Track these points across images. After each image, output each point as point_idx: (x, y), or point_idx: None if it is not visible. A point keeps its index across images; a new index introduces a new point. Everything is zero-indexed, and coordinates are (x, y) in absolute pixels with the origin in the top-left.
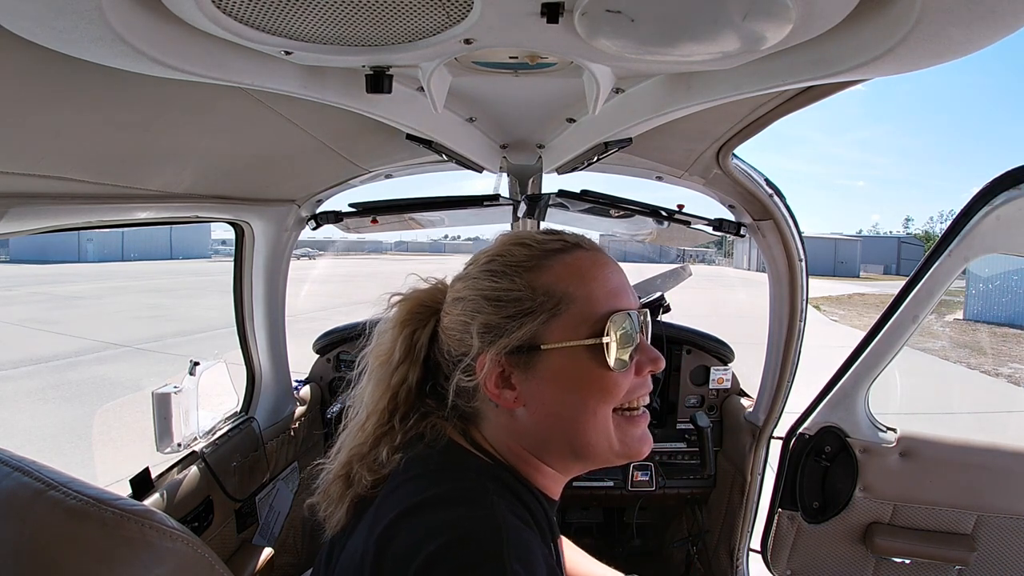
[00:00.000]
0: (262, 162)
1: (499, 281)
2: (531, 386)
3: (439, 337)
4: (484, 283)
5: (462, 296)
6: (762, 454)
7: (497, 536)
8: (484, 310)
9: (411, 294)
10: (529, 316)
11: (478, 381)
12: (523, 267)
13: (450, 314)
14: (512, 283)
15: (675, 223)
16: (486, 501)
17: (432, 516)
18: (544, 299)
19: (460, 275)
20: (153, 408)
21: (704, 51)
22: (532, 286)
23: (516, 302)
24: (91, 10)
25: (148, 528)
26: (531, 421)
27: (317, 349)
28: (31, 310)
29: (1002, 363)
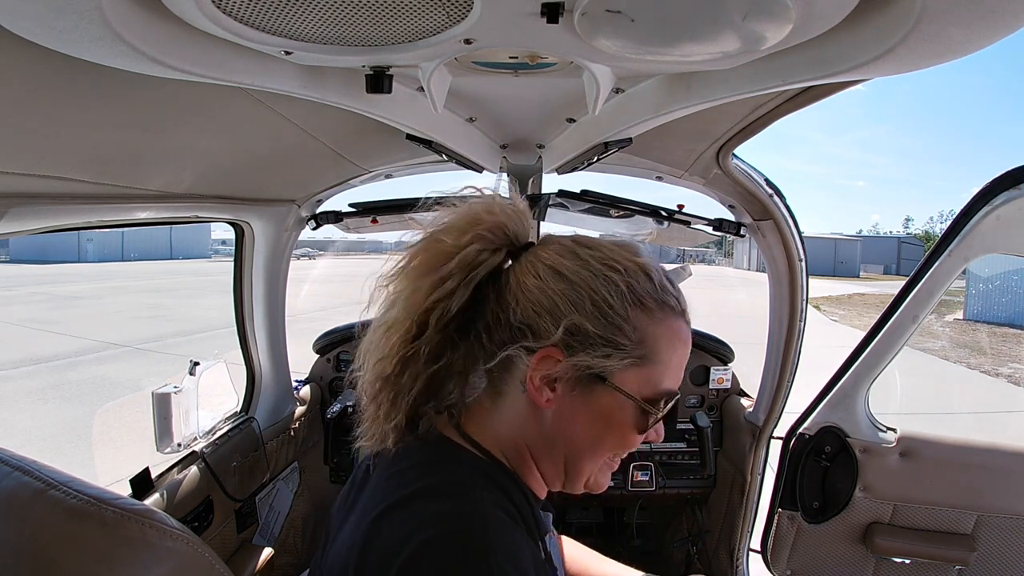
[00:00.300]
0: (262, 162)
1: (614, 297)
2: (571, 401)
3: (506, 286)
4: (599, 284)
5: (567, 275)
6: (762, 454)
7: (484, 532)
8: (585, 311)
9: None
10: (618, 351)
11: (526, 362)
12: (640, 301)
13: (542, 280)
14: (624, 309)
15: (675, 223)
16: (474, 495)
17: (418, 510)
18: (638, 344)
19: (571, 247)
20: (153, 408)
21: (704, 51)
22: (637, 325)
23: (617, 329)
24: (91, 10)
25: (148, 528)
26: (550, 427)
27: (317, 349)
28: (31, 310)
29: (1002, 363)
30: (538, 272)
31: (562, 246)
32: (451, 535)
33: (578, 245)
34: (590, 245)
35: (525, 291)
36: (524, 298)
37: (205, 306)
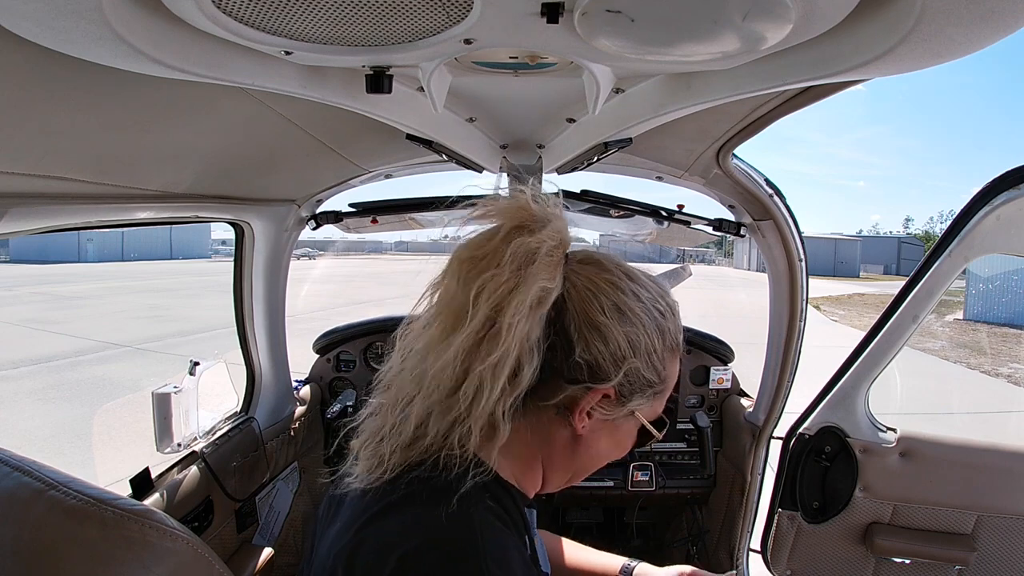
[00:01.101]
0: (262, 162)
1: (659, 343)
2: (599, 427)
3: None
4: (653, 329)
5: (631, 317)
6: (762, 454)
7: (473, 537)
8: (640, 356)
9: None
10: (651, 389)
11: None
12: (673, 347)
13: (608, 318)
14: (662, 354)
15: (675, 223)
16: (462, 499)
17: (402, 516)
18: (663, 383)
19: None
20: (153, 408)
21: (704, 51)
22: (666, 367)
23: (657, 372)
24: (91, 10)
25: (148, 528)
26: (573, 447)
27: (317, 349)
28: (31, 310)
29: (1002, 363)
30: (603, 308)
31: (615, 277)
32: (440, 541)
33: (630, 280)
34: (638, 281)
35: (591, 328)
36: (588, 332)
37: (205, 306)
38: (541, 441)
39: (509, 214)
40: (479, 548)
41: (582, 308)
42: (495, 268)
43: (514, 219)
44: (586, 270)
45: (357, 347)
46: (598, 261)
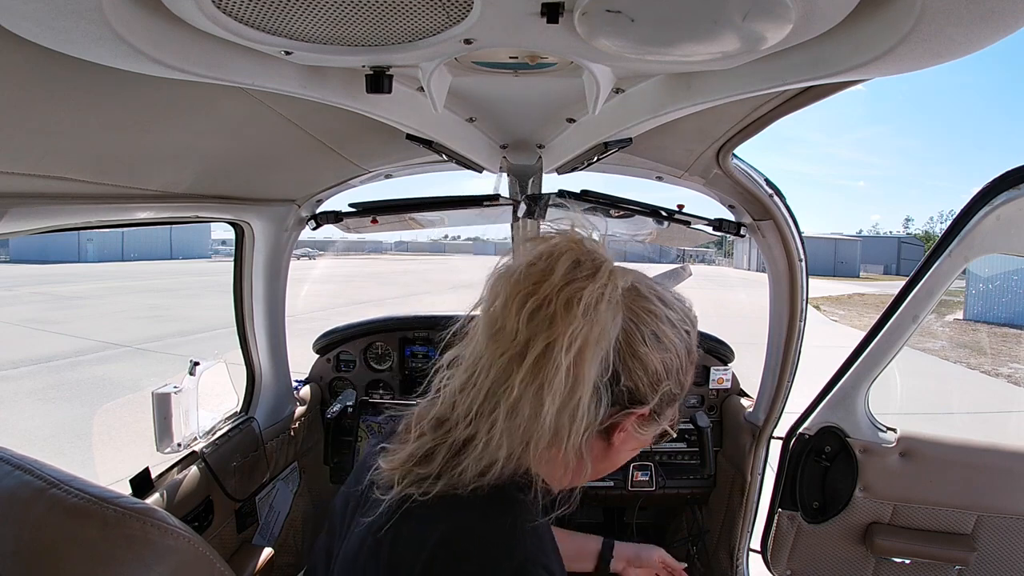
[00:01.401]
0: (262, 162)
1: (685, 361)
2: (628, 437)
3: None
4: (682, 351)
5: (667, 344)
6: (762, 454)
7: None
8: (673, 378)
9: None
10: (675, 400)
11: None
12: (695, 359)
13: (648, 347)
14: (686, 368)
15: (675, 223)
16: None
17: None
18: (682, 392)
19: (663, 310)
20: (153, 408)
21: (704, 51)
22: (688, 378)
23: (681, 386)
24: (91, 10)
25: (149, 526)
26: (606, 455)
27: (317, 349)
28: (31, 310)
29: (1002, 363)
30: (644, 338)
31: (652, 304)
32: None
33: (663, 305)
34: (670, 304)
35: (634, 358)
36: (634, 364)
37: (205, 306)
38: (579, 454)
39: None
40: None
41: (627, 340)
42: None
43: (570, 256)
44: (629, 301)
45: (357, 347)
46: (636, 289)
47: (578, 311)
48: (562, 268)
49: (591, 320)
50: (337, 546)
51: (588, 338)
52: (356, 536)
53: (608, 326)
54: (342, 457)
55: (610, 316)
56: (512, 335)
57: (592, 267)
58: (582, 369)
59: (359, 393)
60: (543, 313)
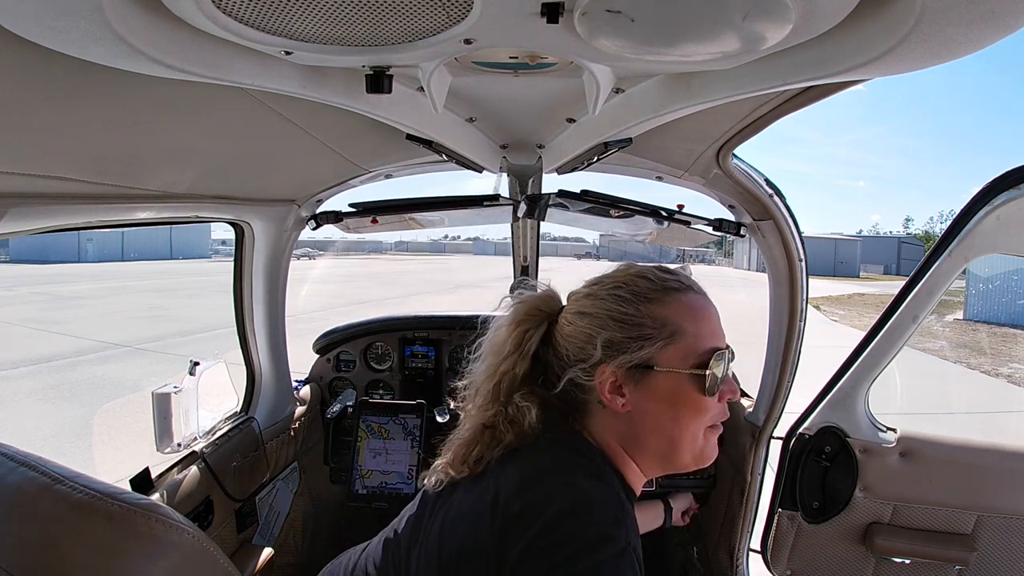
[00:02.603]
0: (262, 162)
1: (625, 307)
2: (639, 397)
3: (554, 340)
4: (611, 305)
5: (588, 312)
6: (762, 454)
7: (619, 505)
8: (609, 327)
9: (527, 298)
10: (648, 341)
11: (593, 384)
12: (646, 298)
13: (573, 324)
14: (636, 310)
15: (675, 223)
16: (607, 477)
17: (561, 479)
18: (661, 329)
19: (585, 292)
20: (153, 408)
21: (704, 51)
22: (652, 316)
23: (638, 327)
24: (91, 10)
25: (154, 521)
26: (633, 425)
27: (317, 349)
28: (31, 310)
29: (1001, 363)
30: (569, 320)
31: (577, 293)
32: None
33: (588, 286)
34: (597, 282)
35: (565, 337)
36: (566, 342)
37: (205, 306)
38: (610, 430)
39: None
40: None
41: (560, 332)
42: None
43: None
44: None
45: (357, 347)
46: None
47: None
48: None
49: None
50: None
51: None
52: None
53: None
54: (342, 457)
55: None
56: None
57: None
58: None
59: (359, 393)
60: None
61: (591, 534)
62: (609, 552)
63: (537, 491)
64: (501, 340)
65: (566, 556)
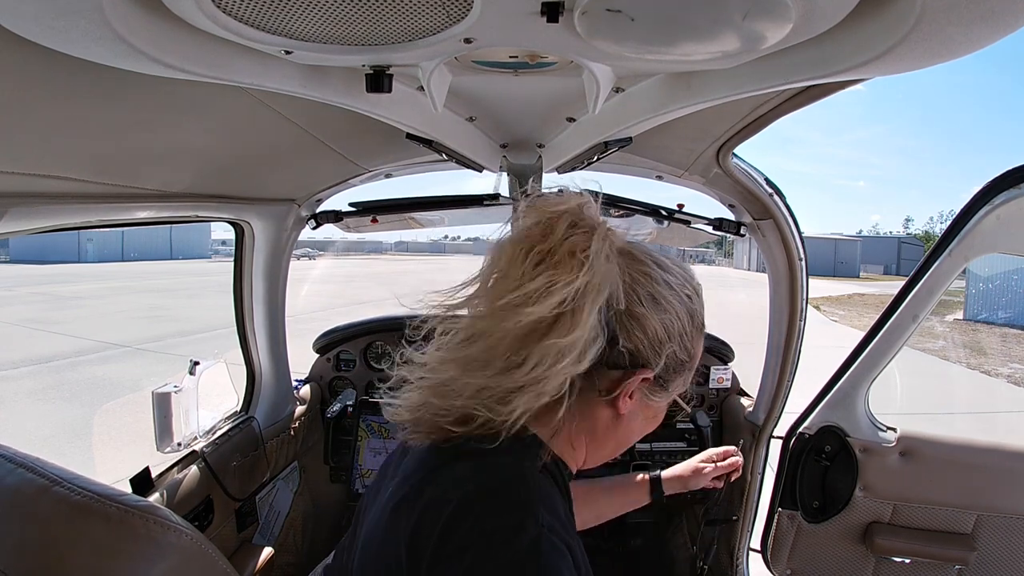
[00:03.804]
0: (262, 161)
1: (689, 327)
2: (638, 406)
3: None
4: (684, 314)
5: (665, 305)
6: (762, 453)
7: (526, 485)
8: (676, 340)
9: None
10: (684, 367)
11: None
12: (700, 327)
13: (646, 308)
14: (692, 336)
15: (675, 222)
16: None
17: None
18: (692, 361)
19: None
20: (153, 407)
21: (704, 50)
22: (695, 346)
23: (688, 353)
24: (91, 9)
25: (152, 523)
26: (615, 425)
27: (317, 349)
28: (31, 310)
29: (1001, 363)
30: (641, 299)
31: (648, 267)
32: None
33: (660, 268)
34: (668, 268)
35: (632, 318)
36: (632, 325)
37: (205, 306)
38: (586, 423)
39: (563, 213)
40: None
41: (623, 300)
42: (570, 258)
43: (568, 217)
44: (623, 262)
45: (357, 346)
46: (631, 253)
47: (580, 258)
48: (562, 227)
49: (591, 269)
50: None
51: (589, 283)
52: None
53: (606, 278)
54: (342, 457)
55: (608, 270)
56: (516, 281)
57: (588, 226)
58: (582, 312)
59: (359, 392)
60: (549, 260)
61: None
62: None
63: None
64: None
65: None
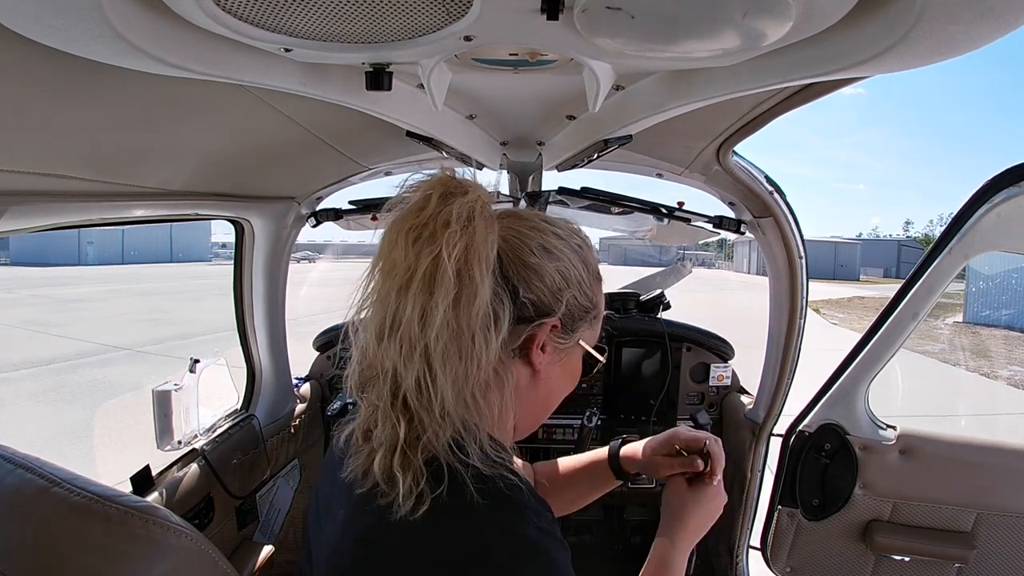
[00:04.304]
0: (262, 159)
1: (584, 273)
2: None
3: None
4: (578, 263)
5: (556, 253)
6: (762, 451)
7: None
8: (574, 285)
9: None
10: (588, 315)
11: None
12: (597, 276)
13: (538, 257)
14: (590, 282)
15: (675, 220)
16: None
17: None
18: (595, 308)
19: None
20: (154, 406)
21: (704, 48)
22: (595, 294)
23: (589, 299)
24: (90, 8)
25: (152, 524)
26: (535, 385)
27: (317, 347)
28: (32, 312)
29: (1001, 365)
30: (533, 250)
31: (533, 223)
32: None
33: (546, 223)
34: (553, 223)
35: (527, 269)
36: (529, 276)
37: (206, 309)
38: (505, 384)
39: (435, 184)
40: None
41: (515, 255)
42: (444, 228)
43: (440, 188)
44: (508, 222)
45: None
46: (515, 213)
47: (454, 224)
48: (435, 197)
49: (469, 230)
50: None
51: (470, 242)
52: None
53: (485, 235)
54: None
55: (485, 225)
56: (404, 266)
57: (460, 191)
58: (473, 272)
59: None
60: (425, 235)
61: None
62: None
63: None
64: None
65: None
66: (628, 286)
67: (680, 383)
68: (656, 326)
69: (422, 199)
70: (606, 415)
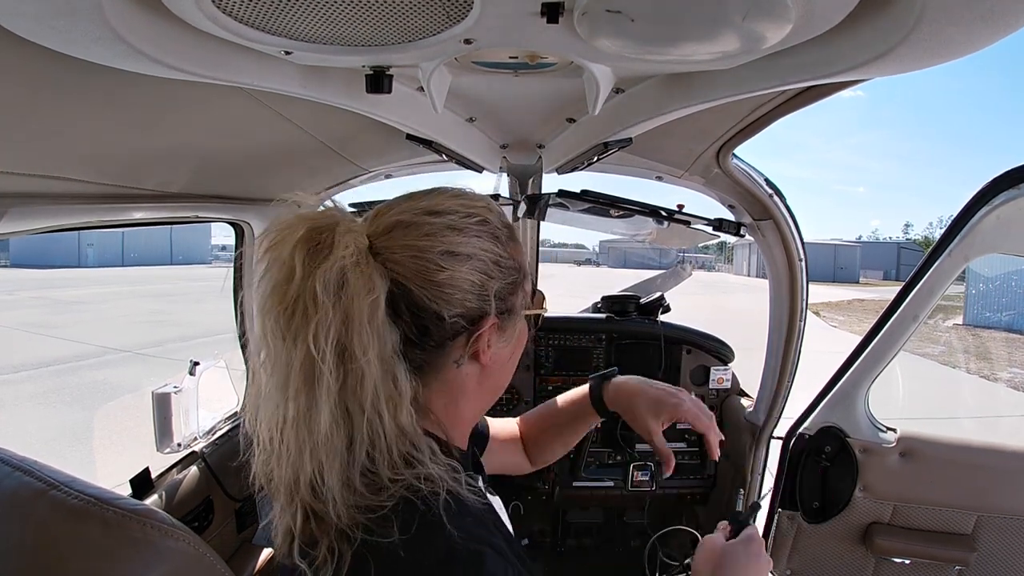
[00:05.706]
0: (262, 162)
1: (499, 248)
2: (499, 343)
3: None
4: (488, 244)
5: (466, 253)
6: (762, 454)
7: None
8: (494, 274)
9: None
10: (517, 285)
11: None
12: (509, 236)
13: (445, 268)
14: (506, 251)
15: (675, 223)
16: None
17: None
18: (518, 271)
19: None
20: (153, 408)
21: (704, 51)
22: (514, 255)
23: (511, 270)
24: (91, 9)
25: (150, 527)
26: (485, 377)
27: None
28: (32, 314)
29: (1001, 367)
30: (439, 265)
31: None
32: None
33: (436, 216)
34: (445, 210)
35: (440, 287)
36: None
37: (206, 311)
38: (456, 391)
39: (297, 243)
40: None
41: (422, 278)
42: (314, 304)
43: (303, 246)
44: (397, 240)
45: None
46: (400, 224)
47: (322, 297)
48: (299, 263)
49: (343, 299)
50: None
51: (347, 314)
52: None
53: (366, 293)
54: None
55: (363, 282)
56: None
57: (328, 242)
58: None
59: None
60: (297, 316)
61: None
62: None
63: None
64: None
65: None
66: (628, 289)
67: (680, 385)
68: (655, 329)
69: (287, 271)
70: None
